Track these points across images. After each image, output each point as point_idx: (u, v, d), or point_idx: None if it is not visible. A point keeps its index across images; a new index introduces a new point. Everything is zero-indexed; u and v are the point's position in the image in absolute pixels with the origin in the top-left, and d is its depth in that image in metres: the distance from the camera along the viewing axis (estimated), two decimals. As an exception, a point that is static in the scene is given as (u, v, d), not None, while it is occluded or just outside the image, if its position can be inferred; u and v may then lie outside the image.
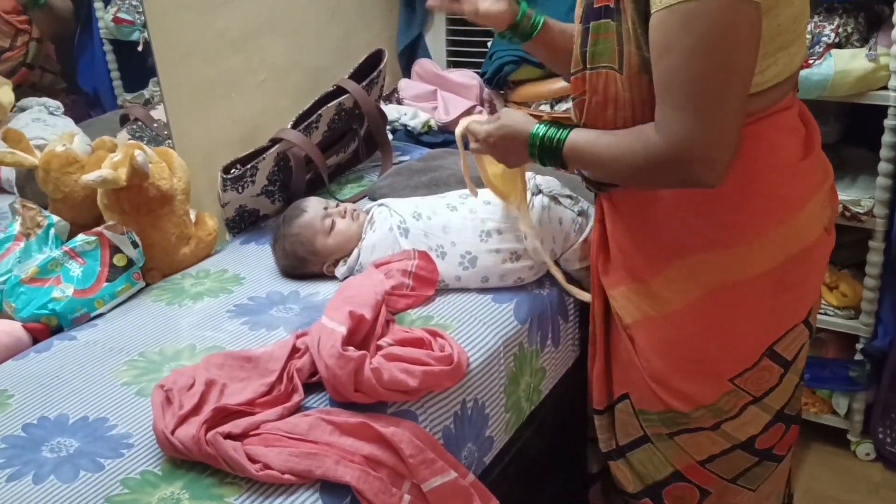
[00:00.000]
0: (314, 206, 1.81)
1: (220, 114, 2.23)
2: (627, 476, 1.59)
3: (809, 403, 2.34)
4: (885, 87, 2.00)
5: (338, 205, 1.84)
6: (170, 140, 2.10)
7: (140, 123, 2.14)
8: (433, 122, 2.59)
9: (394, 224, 1.72)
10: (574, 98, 1.38)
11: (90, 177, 1.69)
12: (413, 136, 2.56)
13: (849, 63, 1.99)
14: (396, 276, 1.60)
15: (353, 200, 2.11)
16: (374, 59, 2.28)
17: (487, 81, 2.57)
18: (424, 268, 1.64)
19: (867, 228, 2.11)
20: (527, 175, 1.66)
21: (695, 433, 1.46)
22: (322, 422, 1.29)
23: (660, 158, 1.20)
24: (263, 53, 2.33)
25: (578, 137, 1.34)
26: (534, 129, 1.40)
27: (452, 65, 2.88)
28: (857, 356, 2.23)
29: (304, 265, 1.79)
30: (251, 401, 1.33)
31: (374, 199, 1.96)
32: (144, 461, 1.28)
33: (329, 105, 2.13)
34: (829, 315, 2.23)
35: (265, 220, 2.10)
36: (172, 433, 1.26)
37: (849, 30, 2.05)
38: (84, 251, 1.73)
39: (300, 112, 2.13)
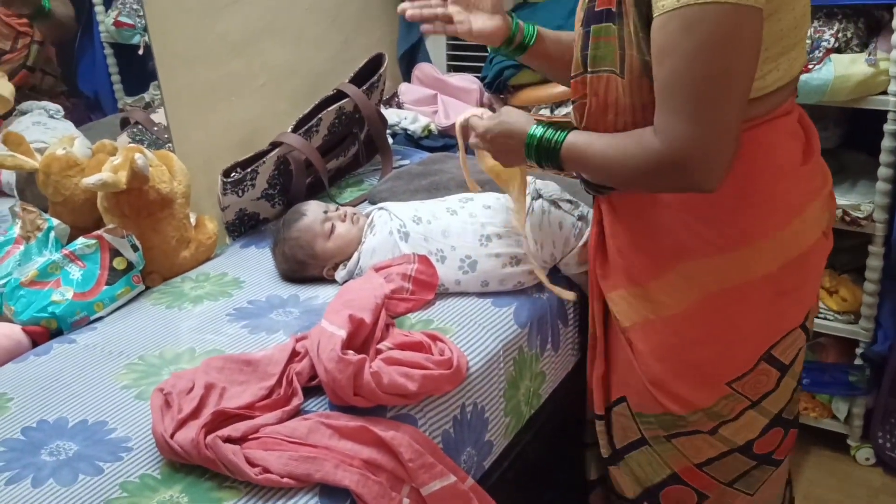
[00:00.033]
0: (314, 210, 1.81)
1: (221, 117, 2.23)
2: (626, 481, 1.59)
3: (809, 408, 2.33)
4: (885, 92, 2.00)
5: (338, 208, 1.84)
6: (170, 143, 2.11)
7: (140, 127, 2.14)
8: (433, 127, 2.59)
9: (394, 228, 1.72)
10: (574, 102, 1.38)
11: (90, 180, 1.69)
12: (413, 141, 2.55)
13: (848, 68, 1.99)
14: (396, 280, 1.60)
15: (354, 204, 2.11)
16: (375, 63, 2.28)
17: (488, 86, 2.57)
18: (424, 272, 1.63)
19: (867, 233, 2.11)
20: (527, 179, 1.65)
21: (692, 436, 1.46)
22: (321, 425, 1.29)
23: (658, 162, 1.20)
24: (264, 57, 2.34)
25: (577, 139, 1.34)
26: (531, 130, 1.40)
27: (453, 69, 2.88)
28: (857, 361, 2.23)
29: (304, 269, 1.78)
30: (250, 404, 1.33)
31: (374, 203, 1.95)
32: (143, 465, 1.28)
33: (329, 109, 2.13)
34: (829, 320, 2.23)
35: (265, 224, 2.09)
36: (172, 437, 1.25)
37: (848, 35, 2.05)
38: (84, 254, 1.73)
39: (300, 116, 2.13)
